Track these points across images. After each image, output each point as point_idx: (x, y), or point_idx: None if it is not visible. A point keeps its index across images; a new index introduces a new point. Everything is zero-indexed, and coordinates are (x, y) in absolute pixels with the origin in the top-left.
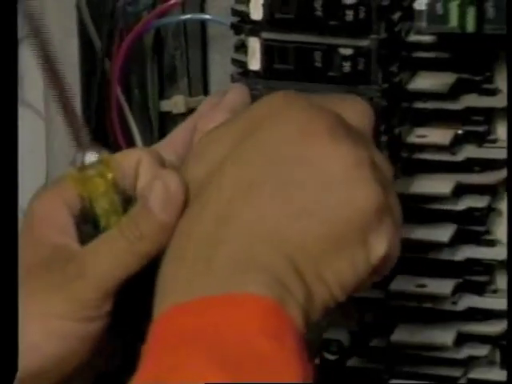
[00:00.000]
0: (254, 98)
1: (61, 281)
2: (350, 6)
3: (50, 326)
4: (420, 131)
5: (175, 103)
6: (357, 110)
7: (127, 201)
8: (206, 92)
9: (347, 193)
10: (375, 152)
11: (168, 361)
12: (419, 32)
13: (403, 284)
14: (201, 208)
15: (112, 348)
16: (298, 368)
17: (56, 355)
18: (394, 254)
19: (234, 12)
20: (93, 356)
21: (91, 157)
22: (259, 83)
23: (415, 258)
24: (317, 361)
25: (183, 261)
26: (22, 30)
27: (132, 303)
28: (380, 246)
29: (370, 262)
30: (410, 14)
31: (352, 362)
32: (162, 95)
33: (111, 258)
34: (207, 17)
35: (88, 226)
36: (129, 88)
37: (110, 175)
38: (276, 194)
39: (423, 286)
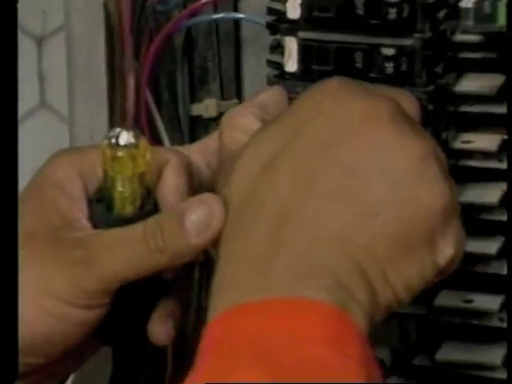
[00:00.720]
0: (291, 100)
1: (66, 261)
2: (393, 4)
3: (46, 305)
4: (466, 136)
5: (206, 107)
6: (411, 102)
7: (145, 195)
8: (239, 95)
9: (413, 190)
10: (436, 144)
11: (222, 365)
12: (465, 31)
13: (448, 299)
14: (257, 207)
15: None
16: (361, 377)
17: (47, 335)
18: (459, 255)
19: (270, 11)
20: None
21: (128, 137)
22: (296, 86)
23: (461, 272)
24: None
25: (241, 262)
26: (43, 30)
27: (134, 301)
28: (448, 247)
29: (437, 265)
30: (456, 12)
31: (392, 381)
32: (193, 98)
33: (125, 259)
34: (241, 16)
35: (101, 205)
36: (158, 91)
37: (142, 168)
38: (338, 191)
39: (469, 301)
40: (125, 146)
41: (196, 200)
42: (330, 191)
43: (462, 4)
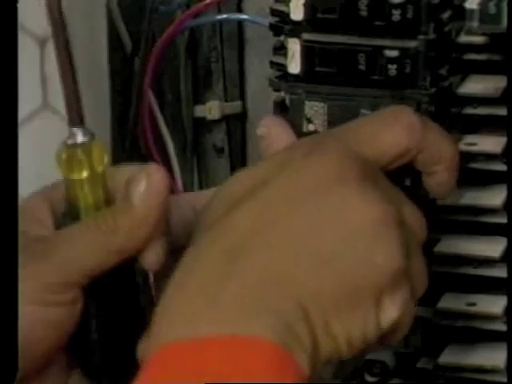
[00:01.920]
0: (294, 102)
1: (28, 257)
2: (397, 6)
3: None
4: (470, 139)
5: (210, 108)
6: (398, 134)
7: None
8: (242, 97)
9: (368, 249)
10: (407, 208)
11: None
12: (470, 32)
13: (451, 302)
14: (211, 240)
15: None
16: None
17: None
18: (405, 323)
19: (273, 12)
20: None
21: (81, 135)
22: (299, 87)
23: (464, 275)
24: (355, 382)
25: (187, 293)
26: (46, 31)
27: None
28: (393, 309)
29: (380, 325)
30: (460, 13)
31: None
32: (196, 100)
33: (81, 246)
34: (244, 17)
35: (67, 218)
36: (161, 92)
37: (100, 167)
38: (294, 236)
39: (473, 304)
40: (78, 144)
41: (137, 173)
42: (286, 236)
43: (467, 5)
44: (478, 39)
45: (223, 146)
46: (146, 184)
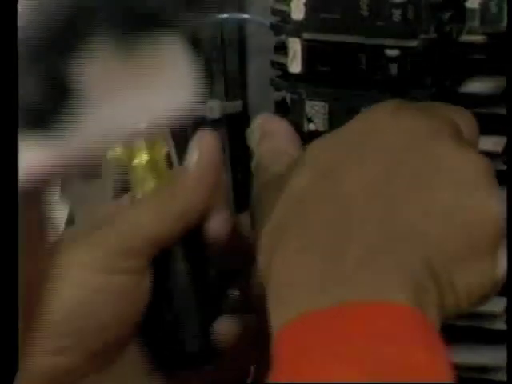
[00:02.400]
0: (294, 101)
1: (91, 228)
2: (397, 5)
3: (71, 276)
4: None
5: (210, 108)
6: (469, 120)
7: None
8: (243, 96)
9: (481, 199)
10: None
11: (309, 371)
12: (471, 32)
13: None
14: (319, 204)
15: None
16: (451, 378)
17: (75, 308)
18: (504, 280)
19: (274, 11)
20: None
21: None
22: (300, 87)
23: None
24: None
25: (310, 259)
26: None
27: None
28: (504, 260)
29: (495, 277)
30: (461, 13)
31: None
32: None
33: (143, 213)
34: (246, 16)
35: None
36: None
37: (165, 148)
38: (408, 192)
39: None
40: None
41: (193, 144)
42: (400, 192)
43: (468, 4)
44: (479, 38)
45: (223, 145)
46: (197, 147)
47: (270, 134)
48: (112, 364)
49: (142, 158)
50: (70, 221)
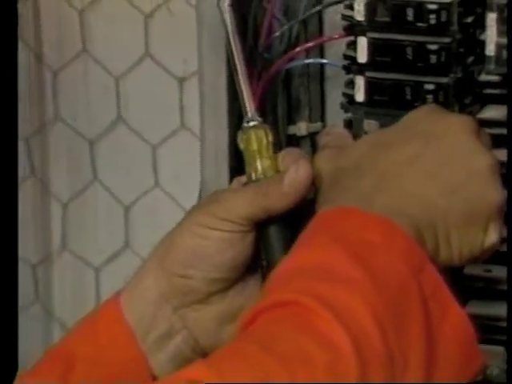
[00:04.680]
0: (356, 120)
1: (205, 204)
2: (434, 51)
3: (194, 230)
4: None
5: (299, 128)
6: (483, 132)
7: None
8: (322, 119)
9: (484, 186)
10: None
11: (321, 241)
12: (488, 73)
13: (472, 269)
14: (369, 166)
15: None
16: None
17: (197, 250)
18: (496, 245)
19: (345, 56)
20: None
21: (254, 123)
22: (361, 110)
23: None
24: None
25: (351, 196)
26: (184, 72)
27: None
28: (494, 233)
29: (483, 245)
30: (481, 58)
31: None
32: (289, 121)
33: (241, 198)
34: (325, 61)
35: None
36: (264, 114)
37: (264, 142)
38: (430, 169)
39: (489, 270)
40: (257, 125)
41: (292, 163)
42: (424, 170)
43: (487, 52)
44: (494, 78)
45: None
46: (295, 172)
47: (331, 134)
48: (229, 290)
49: (253, 146)
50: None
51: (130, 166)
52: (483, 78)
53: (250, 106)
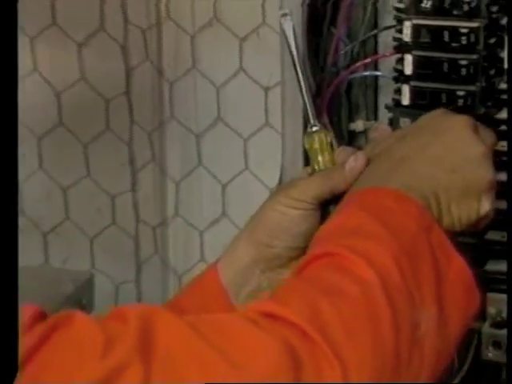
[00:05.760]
0: (394, 118)
1: (283, 188)
2: (464, 66)
3: (275, 207)
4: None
5: (357, 125)
6: (487, 132)
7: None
8: (376, 118)
9: (478, 167)
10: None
11: (353, 211)
12: (505, 82)
13: (492, 235)
14: (388, 155)
15: None
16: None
17: (278, 224)
18: (489, 217)
19: (395, 70)
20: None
21: (316, 128)
22: (408, 113)
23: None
24: None
25: (373, 176)
26: (269, 82)
27: None
28: (487, 203)
29: (479, 213)
30: (501, 70)
31: None
32: (350, 120)
33: (311, 182)
34: (379, 73)
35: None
36: (331, 114)
37: (325, 142)
38: (436, 156)
39: (504, 237)
40: (318, 130)
41: (351, 155)
42: (431, 155)
43: (505, 66)
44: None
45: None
46: (354, 161)
47: (377, 130)
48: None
49: (315, 145)
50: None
51: (227, 154)
52: (502, 86)
53: (312, 115)
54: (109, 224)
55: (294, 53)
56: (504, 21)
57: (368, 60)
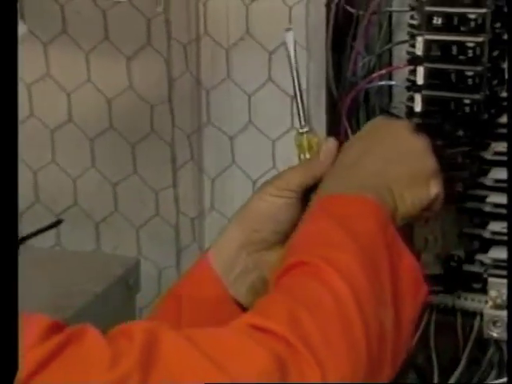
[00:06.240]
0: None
1: (271, 181)
2: (470, 76)
3: (262, 197)
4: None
5: None
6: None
7: None
8: None
9: (424, 158)
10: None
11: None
12: (506, 91)
13: (494, 226)
14: (340, 166)
15: None
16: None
17: (266, 212)
18: (440, 199)
19: (408, 80)
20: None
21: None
22: (419, 118)
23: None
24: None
25: (336, 178)
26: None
27: None
28: (435, 188)
29: (429, 196)
30: (503, 80)
31: None
32: None
33: (295, 172)
34: (393, 83)
35: None
36: (350, 120)
37: (316, 139)
38: (383, 155)
39: (505, 227)
40: (307, 131)
41: (324, 146)
42: (378, 155)
43: (506, 77)
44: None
45: None
46: (325, 146)
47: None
48: (285, 240)
49: (304, 143)
50: None
51: (257, 154)
52: (503, 94)
53: (303, 117)
54: (153, 215)
55: (292, 62)
56: (505, 36)
57: (383, 71)
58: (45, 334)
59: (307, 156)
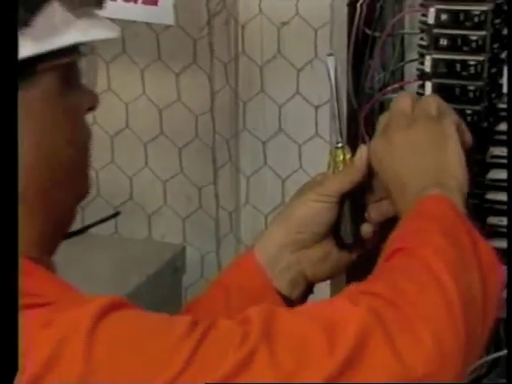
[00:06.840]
0: None
1: (312, 186)
2: (472, 90)
3: (305, 201)
4: (497, 151)
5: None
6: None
7: None
8: None
9: (457, 156)
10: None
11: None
12: (503, 103)
13: (497, 221)
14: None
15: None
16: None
17: (309, 216)
18: (462, 127)
19: (417, 93)
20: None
21: (341, 144)
22: None
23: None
24: None
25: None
26: (320, 101)
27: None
28: (450, 129)
29: (455, 139)
30: (500, 94)
31: None
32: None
33: (334, 179)
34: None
35: None
36: (367, 129)
37: (348, 156)
38: (429, 147)
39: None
40: (341, 146)
41: (358, 154)
42: (426, 148)
43: (503, 91)
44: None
45: None
46: (359, 154)
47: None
48: (323, 240)
49: (339, 157)
50: None
51: (286, 156)
52: (500, 105)
53: (341, 134)
54: (196, 209)
55: (333, 85)
56: (503, 55)
57: (396, 85)
58: (192, 326)
59: (340, 168)
